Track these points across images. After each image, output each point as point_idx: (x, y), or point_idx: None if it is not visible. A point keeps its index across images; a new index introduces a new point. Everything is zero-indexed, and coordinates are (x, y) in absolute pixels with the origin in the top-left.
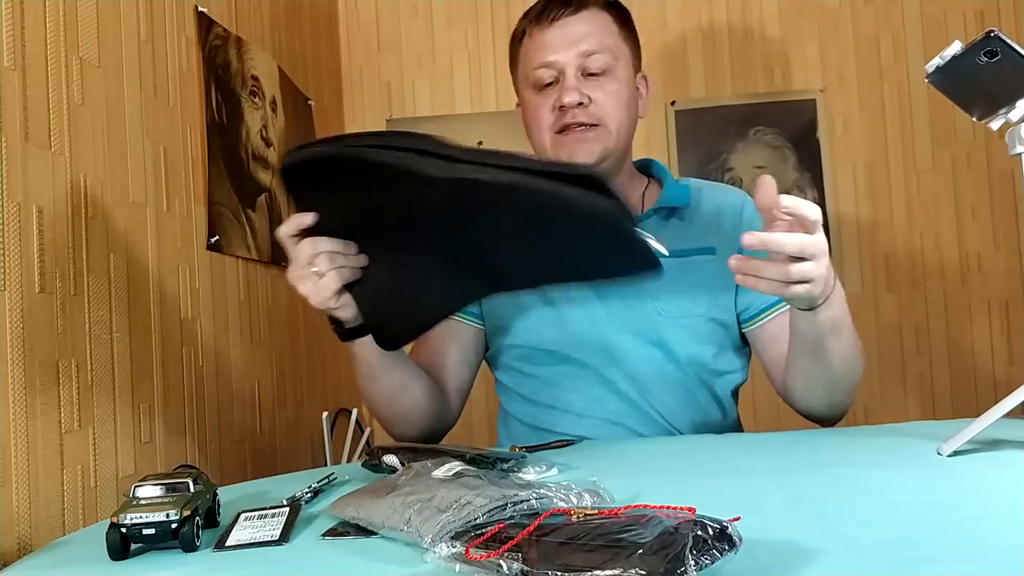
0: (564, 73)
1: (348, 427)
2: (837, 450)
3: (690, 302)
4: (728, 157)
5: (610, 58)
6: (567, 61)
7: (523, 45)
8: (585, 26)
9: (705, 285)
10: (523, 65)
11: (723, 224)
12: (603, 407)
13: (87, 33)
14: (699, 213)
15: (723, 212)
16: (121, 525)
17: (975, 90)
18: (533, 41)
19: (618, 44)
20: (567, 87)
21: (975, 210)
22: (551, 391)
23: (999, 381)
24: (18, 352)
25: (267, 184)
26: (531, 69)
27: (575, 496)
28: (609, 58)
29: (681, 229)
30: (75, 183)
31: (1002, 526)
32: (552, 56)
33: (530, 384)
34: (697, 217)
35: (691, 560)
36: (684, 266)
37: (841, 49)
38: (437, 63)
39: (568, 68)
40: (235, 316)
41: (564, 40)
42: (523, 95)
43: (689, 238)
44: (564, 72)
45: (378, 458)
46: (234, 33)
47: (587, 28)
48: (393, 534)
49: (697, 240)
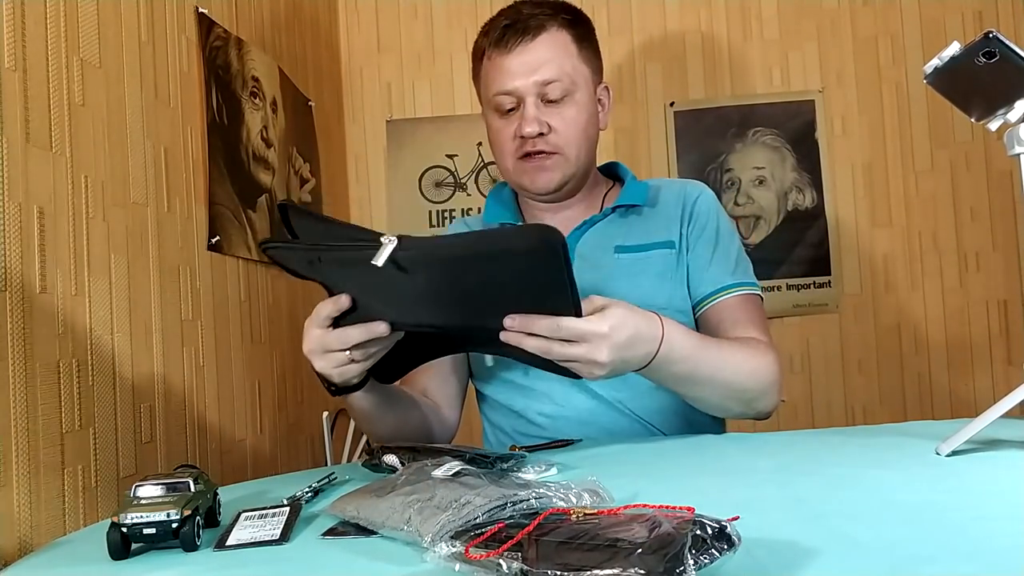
0: (524, 101)
1: (348, 427)
2: (836, 450)
3: (651, 294)
4: (727, 158)
5: (568, 84)
6: (526, 90)
7: (483, 66)
8: (544, 51)
9: (665, 277)
10: (484, 87)
11: (678, 216)
12: (574, 406)
13: (88, 34)
14: (657, 209)
15: (678, 204)
16: (122, 525)
17: (973, 91)
18: (493, 65)
19: (577, 67)
20: (527, 117)
21: (973, 210)
22: (523, 397)
23: (997, 381)
24: (18, 352)
25: (267, 185)
26: (491, 94)
27: (574, 496)
28: (568, 84)
29: (638, 224)
30: (76, 183)
31: (1000, 526)
32: (511, 84)
33: (504, 391)
34: (655, 213)
35: (690, 559)
36: (641, 262)
37: (840, 50)
38: (437, 64)
39: (527, 96)
40: (235, 316)
41: (522, 68)
42: (486, 115)
43: (647, 234)
44: (524, 100)
45: (378, 458)
46: (234, 34)
47: (546, 54)
48: (393, 533)
49: (654, 235)
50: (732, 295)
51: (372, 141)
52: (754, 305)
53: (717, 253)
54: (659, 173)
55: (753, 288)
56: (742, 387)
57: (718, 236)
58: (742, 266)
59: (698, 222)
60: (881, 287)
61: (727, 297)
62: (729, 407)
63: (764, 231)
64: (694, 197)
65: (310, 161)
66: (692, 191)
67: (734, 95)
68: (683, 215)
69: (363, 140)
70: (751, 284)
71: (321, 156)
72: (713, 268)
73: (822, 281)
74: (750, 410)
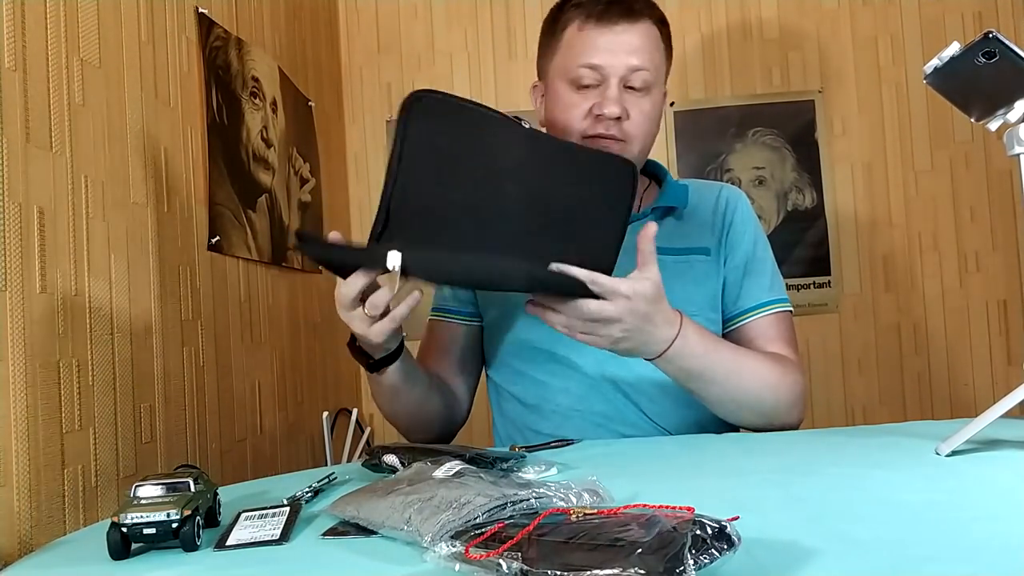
0: (608, 81)
1: (348, 427)
2: (836, 450)
3: (685, 300)
4: (727, 158)
5: (653, 76)
6: (615, 70)
7: (567, 35)
8: (640, 39)
9: (701, 284)
10: (564, 56)
11: (716, 224)
12: (590, 407)
13: (88, 34)
14: (695, 213)
15: (716, 212)
16: (122, 525)
17: (973, 91)
18: (584, 37)
19: (661, 63)
20: (610, 97)
21: (973, 210)
22: (539, 390)
23: (997, 381)
24: (19, 352)
25: (267, 185)
26: (574, 64)
27: (574, 496)
28: (652, 76)
29: (678, 228)
30: (76, 183)
31: (1000, 526)
32: (601, 60)
33: (520, 383)
34: (693, 217)
35: (690, 559)
36: (679, 265)
37: (840, 50)
38: (437, 64)
39: (614, 77)
40: (235, 316)
41: (618, 48)
42: (555, 84)
43: (685, 238)
44: (608, 80)
45: (378, 458)
46: (235, 34)
47: (641, 41)
48: (393, 533)
49: (693, 240)
50: (767, 314)
51: (372, 141)
52: (787, 323)
53: (753, 267)
54: None
55: (786, 305)
56: (757, 397)
57: (755, 249)
58: (776, 281)
59: (736, 233)
60: (881, 287)
61: (762, 316)
62: (743, 416)
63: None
64: (733, 205)
65: (310, 161)
66: (731, 198)
67: (734, 95)
68: (721, 223)
69: (363, 140)
70: (784, 301)
71: (321, 156)
72: (749, 283)
73: (822, 281)
74: (767, 423)
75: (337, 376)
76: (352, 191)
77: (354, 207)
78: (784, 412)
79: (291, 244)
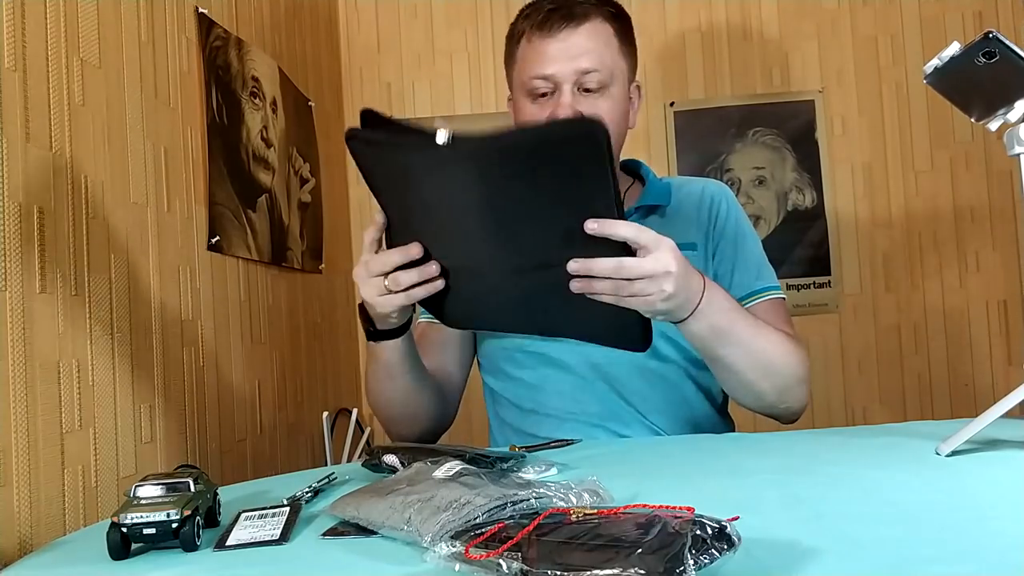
0: (560, 88)
1: (348, 427)
2: (836, 450)
3: None
4: (727, 158)
5: (607, 76)
6: (564, 77)
7: (520, 48)
8: (586, 41)
9: None
10: (519, 69)
11: (701, 219)
12: (584, 409)
13: (88, 34)
14: (680, 210)
15: (702, 207)
16: (122, 525)
17: (973, 91)
18: (532, 48)
19: (616, 60)
20: (562, 104)
21: (973, 211)
22: (533, 394)
23: (997, 381)
24: (18, 352)
25: (267, 185)
26: (527, 77)
27: (575, 496)
28: (606, 76)
29: (662, 226)
30: (76, 183)
31: (1000, 526)
32: (550, 69)
33: (514, 388)
34: (678, 214)
35: (690, 559)
36: None
37: (840, 50)
38: (437, 64)
39: (565, 84)
40: (235, 316)
41: (563, 55)
42: (517, 98)
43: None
44: (561, 87)
45: (378, 458)
46: (234, 34)
47: (588, 44)
48: (393, 533)
49: (679, 237)
50: (760, 301)
51: None
52: (782, 308)
53: (741, 257)
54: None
55: (777, 292)
56: (775, 366)
57: (742, 239)
58: (765, 269)
59: (721, 225)
60: (881, 287)
61: (756, 303)
62: (761, 388)
63: (764, 231)
64: (718, 200)
65: (310, 161)
66: (715, 193)
67: (734, 95)
68: (706, 217)
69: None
70: (776, 288)
71: (321, 156)
72: (738, 274)
73: (822, 281)
74: (780, 401)
75: (337, 376)
76: (352, 191)
77: (354, 207)
78: (795, 386)
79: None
